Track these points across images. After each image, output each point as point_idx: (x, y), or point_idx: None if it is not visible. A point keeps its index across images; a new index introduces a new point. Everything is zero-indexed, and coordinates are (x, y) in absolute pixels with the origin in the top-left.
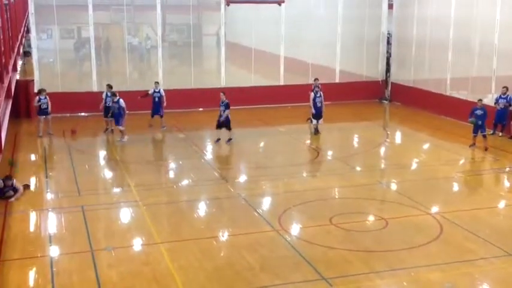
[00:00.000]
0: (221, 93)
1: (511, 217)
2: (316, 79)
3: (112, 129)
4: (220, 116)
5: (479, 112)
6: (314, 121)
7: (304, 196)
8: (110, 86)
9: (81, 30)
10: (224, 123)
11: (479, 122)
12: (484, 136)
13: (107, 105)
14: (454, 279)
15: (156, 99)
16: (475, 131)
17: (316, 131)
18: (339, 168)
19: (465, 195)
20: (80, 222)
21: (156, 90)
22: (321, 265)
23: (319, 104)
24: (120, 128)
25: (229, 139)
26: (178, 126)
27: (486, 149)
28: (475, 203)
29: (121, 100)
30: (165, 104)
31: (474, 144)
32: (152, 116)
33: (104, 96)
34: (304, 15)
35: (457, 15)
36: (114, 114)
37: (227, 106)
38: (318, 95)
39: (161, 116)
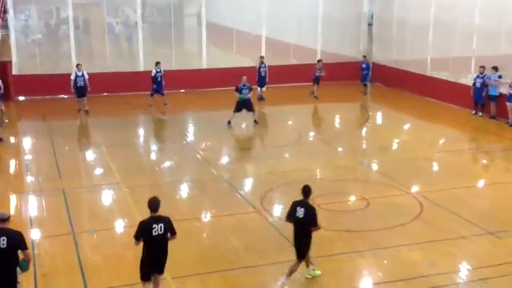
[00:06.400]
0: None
1: (490, 196)
2: (261, 57)
3: (87, 110)
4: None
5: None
6: (258, 88)
7: (287, 177)
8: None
9: (59, 11)
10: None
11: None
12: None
13: (78, 85)
14: (434, 257)
15: (159, 78)
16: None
17: (261, 98)
18: (321, 149)
19: (445, 175)
20: (61, 205)
21: (158, 71)
22: None
23: (263, 74)
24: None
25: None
26: (160, 108)
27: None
28: (455, 183)
29: None
30: (163, 82)
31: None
32: (152, 95)
33: (73, 76)
34: None
35: None
36: None
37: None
38: (263, 65)
39: (162, 95)
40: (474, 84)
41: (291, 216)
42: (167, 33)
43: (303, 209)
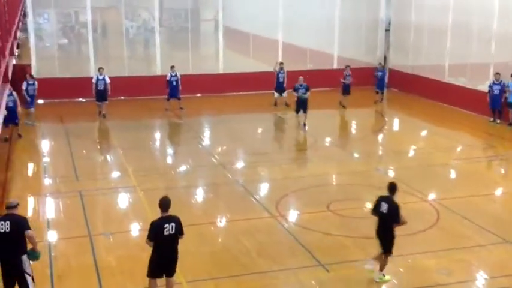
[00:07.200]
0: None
1: (506, 204)
2: (281, 63)
3: (104, 114)
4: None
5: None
6: (276, 94)
7: (302, 182)
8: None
9: (78, 15)
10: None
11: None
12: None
13: (98, 88)
14: (450, 265)
15: (174, 83)
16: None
17: (275, 104)
18: (337, 155)
19: (462, 182)
20: (78, 207)
21: (173, 74)
22: (318, 251)
23: (281, 79)
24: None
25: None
26: (176, 112)
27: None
28: (471, 190)
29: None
30: (180, 87)
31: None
32: (168, 100)
33: (94, 80)
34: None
35: (455, 0)
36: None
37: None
38: (282, 71)
39: (179, 99)
40: (490, 91)
41: (375, 210)
42: (184, 37)
43: (387, 205)
